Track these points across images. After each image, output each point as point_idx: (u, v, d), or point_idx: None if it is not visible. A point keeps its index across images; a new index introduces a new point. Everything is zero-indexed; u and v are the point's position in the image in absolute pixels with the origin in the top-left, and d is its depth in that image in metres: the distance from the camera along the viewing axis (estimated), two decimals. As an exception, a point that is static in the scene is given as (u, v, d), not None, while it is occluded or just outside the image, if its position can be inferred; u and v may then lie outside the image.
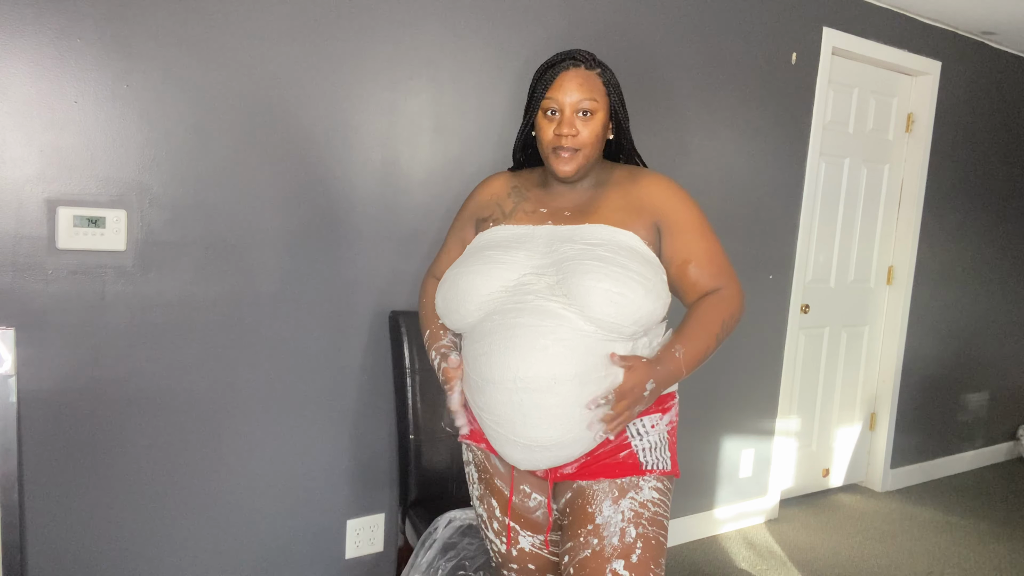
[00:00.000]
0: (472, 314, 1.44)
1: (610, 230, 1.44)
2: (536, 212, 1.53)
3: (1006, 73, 3.98)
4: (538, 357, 1.34)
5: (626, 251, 1.40)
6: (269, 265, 2.06)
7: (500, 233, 1.52)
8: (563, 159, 1.46)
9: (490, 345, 1.39)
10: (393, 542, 2.36)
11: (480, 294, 1.42)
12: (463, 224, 1.65)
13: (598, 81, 1.48)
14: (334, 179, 2.13)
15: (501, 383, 1.38)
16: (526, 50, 2.40)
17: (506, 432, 1.42)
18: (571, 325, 1.35)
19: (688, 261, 1.46)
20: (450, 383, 1.50)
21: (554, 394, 1.35)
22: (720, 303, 1.46)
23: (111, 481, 1.91)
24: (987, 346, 4.27)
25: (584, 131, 1.45)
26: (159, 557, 2.00)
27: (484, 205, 1.61)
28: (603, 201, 1.50)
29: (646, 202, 1.48)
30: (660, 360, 1.41)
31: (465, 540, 1.88)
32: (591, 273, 1.34)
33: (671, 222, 1.47)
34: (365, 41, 2.12)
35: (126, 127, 1.84)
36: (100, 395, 1.87)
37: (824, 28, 3.17)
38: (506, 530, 1.55)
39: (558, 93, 1.45)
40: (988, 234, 4.11)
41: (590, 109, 1.45)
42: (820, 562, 3.03)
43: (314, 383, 2.17)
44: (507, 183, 1.62)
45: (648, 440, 1.46)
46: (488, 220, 1.57)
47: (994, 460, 4.47)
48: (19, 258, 1.75)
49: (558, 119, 1.45)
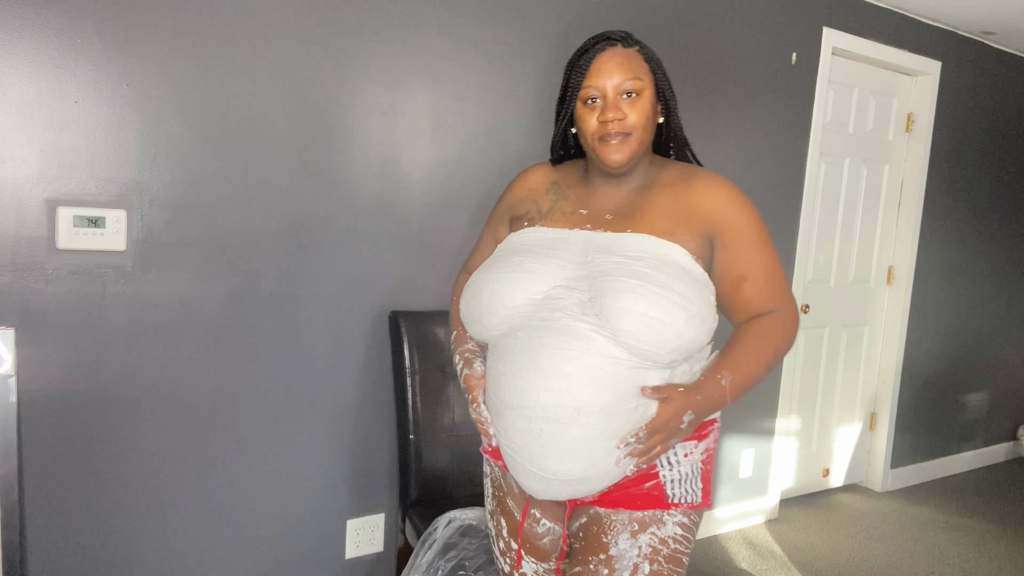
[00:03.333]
0: (496, 327, 1.31)
1: (654, 241, 1.28)
2: (575, 213, 1.38)
3: (1006, 73, 3.98)
4: (561, 385, 1.21)
5: (670, 267, 1.24)
6: (269, 265, 2.06)
7: (533, 236, 1.38)
8: (612, 146, 1.29)
9: (510, 366, 1.27)
10: (393, 542, 2.36)
11: (505, 306, 1.29)
12: (498, 220, 1.52)
13: (639, 58, 1.32)
14: (334, 179, 2.13)
15: (520, 410, 1.25)
16: (526, 50, 2.40)
17: (523, 461, 1.30)
18: (600, 350, 1.21)
19: (744, 278, 1.30)
20: (471, 393, 1.38)
21: (577, 426, 1.22)
22: (775, 327, 1.31)
23: (111, 481, 1.91)
24: (987, 346, 4.27)
25: (632, 113, 1.29)
26: (159, 556, 2.00)
27: (521, 201, 1.47)
28: (649, 206, 1.34)
29: (699, 209, 1.31)
30: (701, 388, 1.25)
31: (465, 540, 1.88)
32: (627, 293, 1.19)
33: (727, 234, 1.30)
34: (365, 41, 2.12)
35: (126, 127, 1.84)
36: (100, 395, 1.87)
37: (824, 28, 3.17)
38: (513, 553, 1.47)
39: (597, 78, 1.29)
40: (988, 234, 4.11)
41: (635, 89, 1.29)
42: (820, 562, 3.03)
43: (314, 383, 2.17)
44: (547, 177, 1.47)
45: (679, 471, 1.32)
46: (523, 218, 1.44)
47: (994, 460, 4.47)
48: (19, 258, 1.75)
49: (600, 105, 1.30)
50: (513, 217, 1.48)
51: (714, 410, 1.28)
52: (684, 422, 1.24)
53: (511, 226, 1.48)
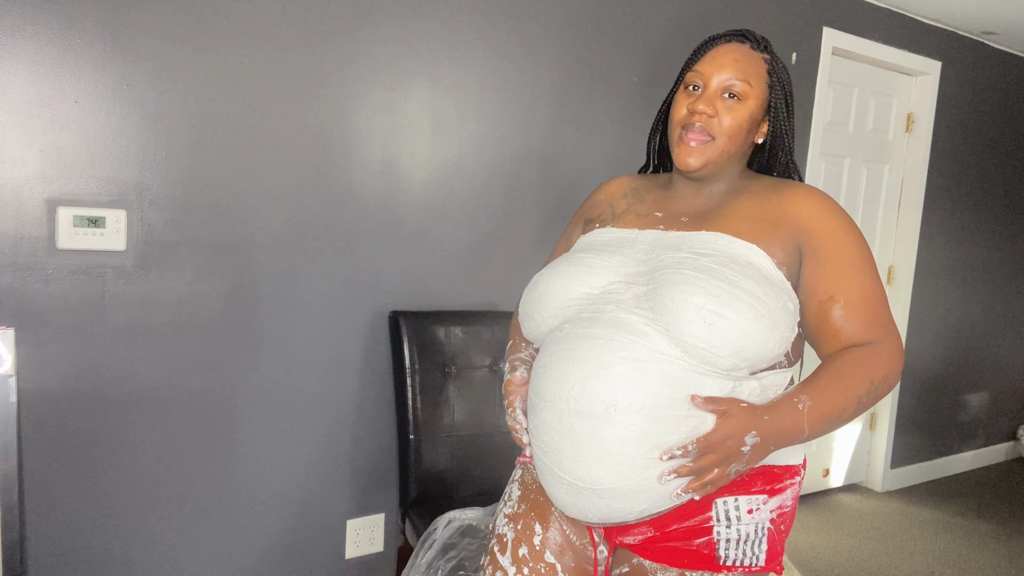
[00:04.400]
0: (547, 321, 1.23)
1: (727, 240, 1.16)
2: (649, 215, 1.29)
3: (1006, 73, 3.98)
4: (599, 376, 1.09)
5: (741, 266, 1.11)
6: (269, 265, 2.06)
7: (601, 236, 1.30)
8: (688, 146, 1.20)
9: (550, 357, 1.17)
10: (393, 542, 2.36)
11: (558, 299, 1.21)
12: (573, 227, 1.45)
13: (762, 66, 1.22)
14: (334, 179, 2.13)
15: (553, 402, 1.14)
16: (526, 50, 2.40)
17: (552, 463, 1.16)
18: (649, 344, 1.08)
19: (833, 300, 1.13)
20: (508, 399, 1.29)
21: (613, 424, 1.07)
22: (871, 358, 1.12)
23: (111, 481, 1.91)
24: (987, 346, 4.27)
25: (725, 116, 1.18)
26: (159, 556, 2.00)
27: (596, 205, 1.41)
28: (732, 208, 1.22)
29: (788, 215, 1.18)
30: (773, 408, 1.08)
31: (465, 540, 1.88)
32: (685, 284, 1.08)
33: (817, 245, 1.15)
34: (365, 41, 2.12)
35: (126, 127, 1.84)
36: (100, 395, 1.87)
37: (824, 28, 3.17)
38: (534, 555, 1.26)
39: (707, 65, 1.21)
40: (988, 234, 4.11)
41: (739, 93, 1.19)
42: (820, 562, 3.03)
43: (314, 383, 2.17)
44: (626, 184, 1.40)
45: (738, 530, 1.14)
46: (595, 221, 1.37)
47: (994, 460, 4.47)
48: (19, 258, 1.75)
49: (698, 94, 1.21)
50: (588, 220, 1.41)
51: (788, 441, 1.09)
52: (746, 444, 1.05)
53: (584, 230, 1.41)
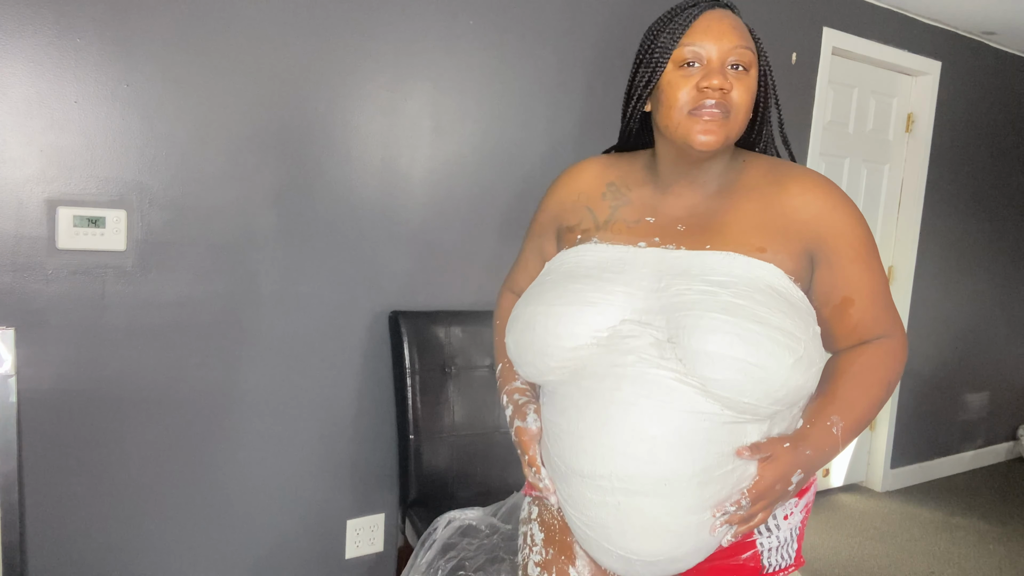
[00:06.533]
0: (552, 371, 1.09)
1: (743, 261, 1.05)
2: (640, 223, 1.15)
3: (1006, 73, 3.98)
4: (643, 451, 1.00)
5: (765, 295, 1.02)
6: (269, 265, 2.06)
7: (590, 256, 1.14)
8: (705, 123, 1.04)
9: (577, 423, 1.06)
10: (393, 542, 2.36)
11: (563, 348, 1.07)
12: (542, 230, 1.28)
13: (748, 34, 1.10)
14: (334, 179, 2.13)
15: (592, 479, 1.04)
16: (526, 50, 2.40)
17: (598, 537, 1.08)
18: (687, 405, 1.00)
19: (851, 301, 1.10)
20: (527, 453, 1.16)
21: (664, 498, 1.01)
22: (886, 358, 1.12)
23: (111, 481, 1.91)
24: (987, 346, 4.27)
25: (739, 89, 1.05)
26: (159, 556, 2.00)
27: (570, 208, 1.23)
28: (734, 213, 1.11)
29: (797, 220, 1.09)
30: (810, 439, 1.05)
31: (465, 540, 1.88)
32: (718, 334, 0.97)
33: (832, 250, 1.09)
34: (365, 41, 2.12)
35: (126, 127, 1.84)
36: (100, 395, 1.87)
37: (824, 28, 3.17)
38: None
39: (703, 37, 1.05)
40: (988, 234, 4.11)
41: (745, 63, 1.06)
42: (820, 562, 3.03)
43: (314, 383, 2.17)
44: (601, 176, 1.22)
45: (778, 536, 1.16)
46: (575, 230, 1.20)
47: (994, 460, 4.47)
48: (19, 258, 1.75)
49: (702, 71, 1.05)
50: (562, 228, 1.23)
51: (825, 463, 1.09)
52: (792, 483, 1.05)
53: (560, 239, 1.24)
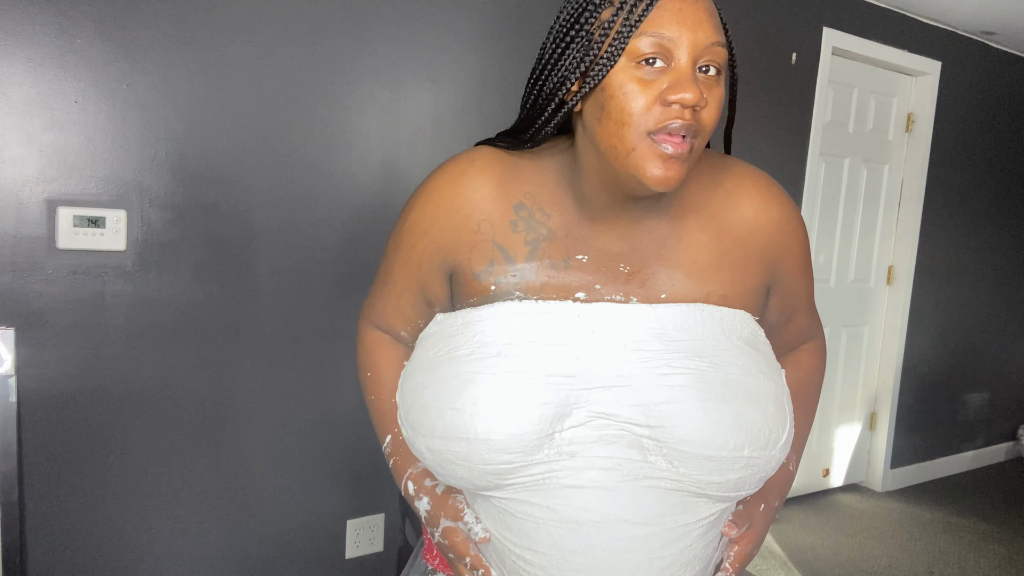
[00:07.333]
0: (486, 479, 0.83)
1: (711, 314, 0.87)
2: (569, 263, 0.87)
3: (1006, 73, 3.98)
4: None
5: (745, 357, 0.86)
6: (269, 265, 2.06)
7: (516, 321, 0.85)
8: (666, 158, 0.77)
9: (552, 558, 0.84)
10: (393, 542, 2.36)
11: (507, 451, 0.80)
12: (424, 264, 0.94)
13: (722, 25, 0.84)
14: (334, 179, 2.13)
15: None
16: (527, 50, 2.40)
17: None
18: (689, 514, 0.85)
19: (795, 314, 1.01)
20: (465, 555, 0.91)
21: None
22: (819, 365, 1.07)
23: (111, 481, 1.91)
24: (987, 346, 4.27)
25: (711, 106, 0.79)
26: (158, 556, 2.00)
27: (467, 241, 0.90)
28: (686, 246, 0.90)
29: (756, 249, 0.92)
30: (773, 488, 0.95)
31: (465, 540, 1.88)
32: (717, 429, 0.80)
33: (787, 272, 0.96)
34: (365, 41, 2.13)
35: (126, 127, 1.84)
36: (100, 395, 1.87)
37: (824, 28, 3.17)
38: None
39: (672, 25, 0.76)
40: (988, 234, 4.11)
41: (718, 66, 0.79)
42: (820, 562, 3.03)
43: (314, 383, 2.17)
44: (502, 190, 0.89)
45: None
46: (481, 277, 0.89)
47: (994, 460, 4.47)
48: (19, 258, 1.75)
49: (668, 74, 0.76)
50: (458, 270, 0.91)
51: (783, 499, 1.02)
52: (767, 534, 1.04)
53: (454, 283, 0.93)
